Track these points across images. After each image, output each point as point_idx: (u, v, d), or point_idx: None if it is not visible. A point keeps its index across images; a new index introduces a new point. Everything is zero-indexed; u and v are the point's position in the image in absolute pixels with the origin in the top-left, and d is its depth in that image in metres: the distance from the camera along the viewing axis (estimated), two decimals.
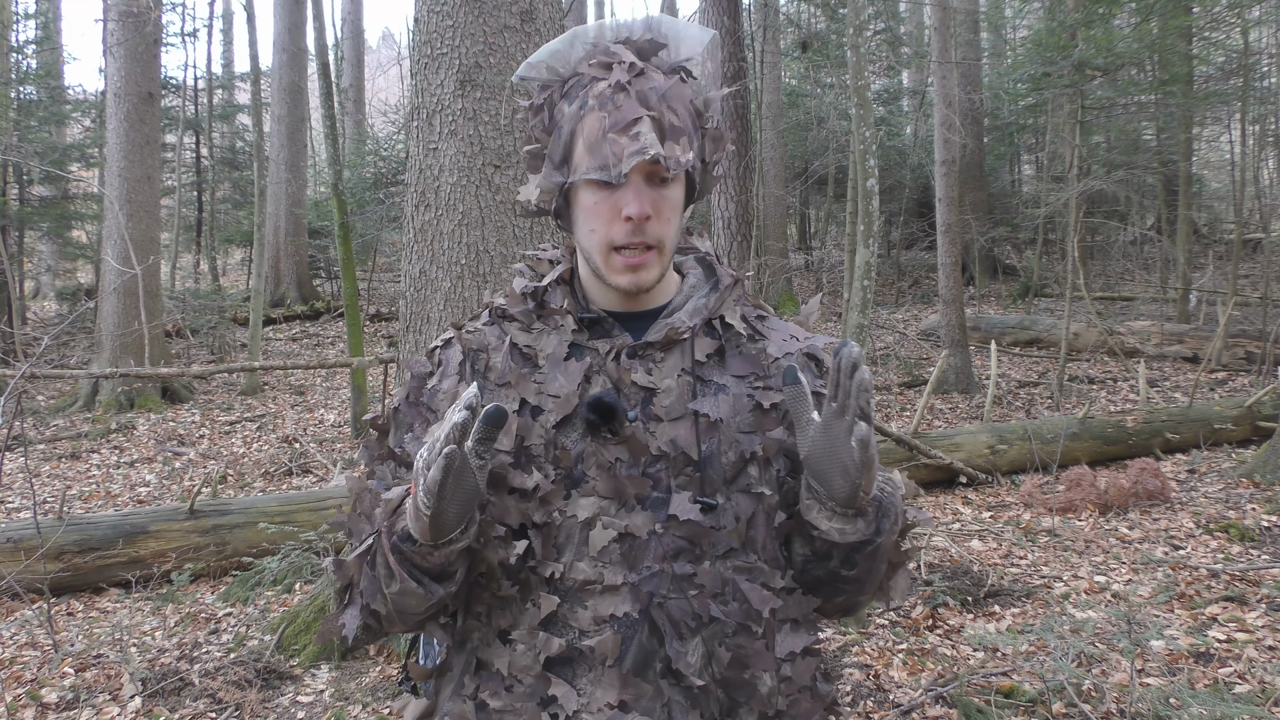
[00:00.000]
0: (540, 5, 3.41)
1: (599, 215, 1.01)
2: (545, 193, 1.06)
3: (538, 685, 1.00)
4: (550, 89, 1.06)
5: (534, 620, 1.01)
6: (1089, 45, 9.20)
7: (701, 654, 1.00)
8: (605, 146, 0.98)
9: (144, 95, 9.16)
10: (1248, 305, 10.36)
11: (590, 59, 1.03)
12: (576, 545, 1.01)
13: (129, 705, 3.22)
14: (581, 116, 1.01)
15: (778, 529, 1.06)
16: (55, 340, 10.98)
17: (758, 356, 1.09)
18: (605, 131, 0.99)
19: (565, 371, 1.05)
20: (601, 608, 0.99)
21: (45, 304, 14.99)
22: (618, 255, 1.01)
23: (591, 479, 1.01)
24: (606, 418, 1.01)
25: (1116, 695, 2.91)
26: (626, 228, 1.00)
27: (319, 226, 14.95)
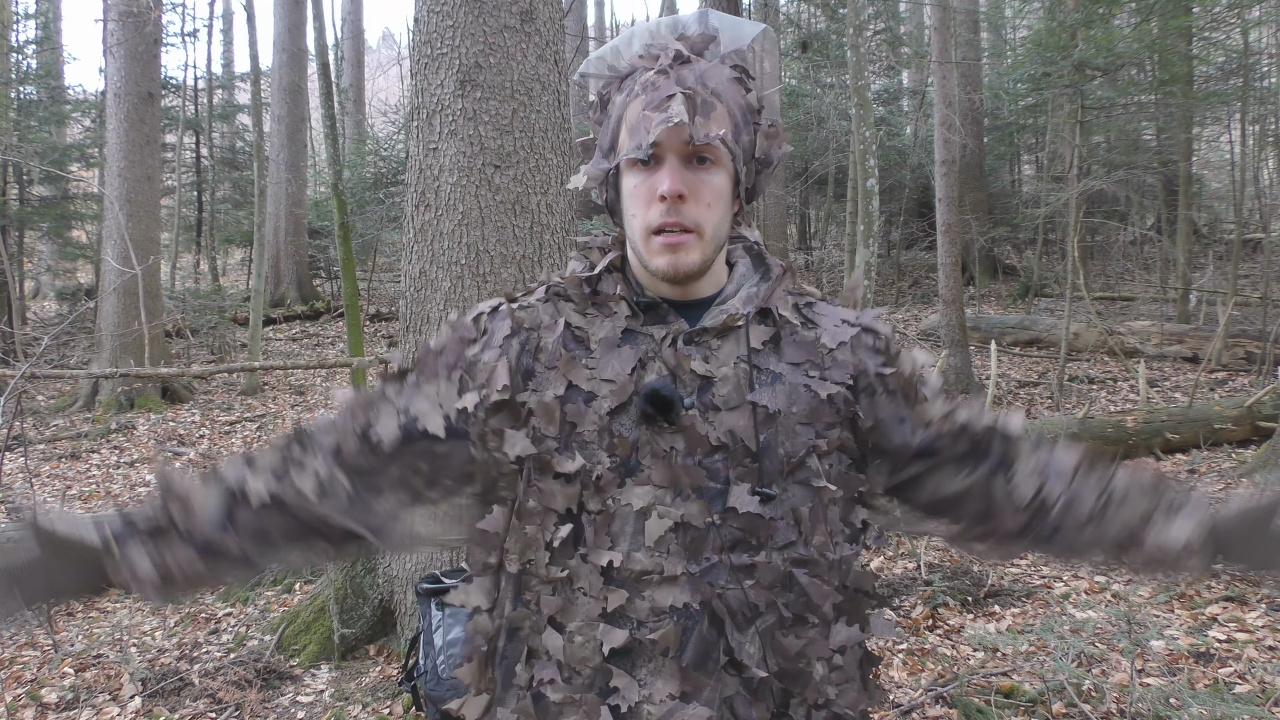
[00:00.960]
0: (540, 5, 3.41)
1: (638, 198, 1.02)
2: (593, 179, 1.07)
3: (597, 676, 1.00)
4: (610, 85, 1.07)
5: (593, 611, 1.00)
6: (1089, 45, 9.20)
7: (759, 645, 1.00)
8: (641, 125, 1.00)
9: (144, 95, 9.16)
10: (1248, 305, 10.36)
11: (643, 53, 1.05)
12: (632, 535, 1.00)
13: (129, 705, 3.22)
14: (627, 104, 1.03)
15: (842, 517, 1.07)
16: (55, 340, 10.98)
17: (813, 345, 1.08)
18: (642, 110, 1.00)
19: (619, 357, 1.03)
20: (660, 598, 0.98)
21: (45, 304, 14.99)
22: (656, 238, 1.01)
23: (647, 468, 1.00)
24: (664, 410, 1.00)
25: (1116, 695, 2.91)
26: (662, 208, 1.00)
27: (319, 226, 14.96)
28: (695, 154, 1.01)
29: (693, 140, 0.98)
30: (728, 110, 1.02)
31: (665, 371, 1.02)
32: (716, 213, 1.02)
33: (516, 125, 3.35)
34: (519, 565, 1.04)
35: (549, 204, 3.39)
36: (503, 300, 1.12)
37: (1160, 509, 1.12)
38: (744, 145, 1.05)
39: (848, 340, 1.10)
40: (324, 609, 3.61)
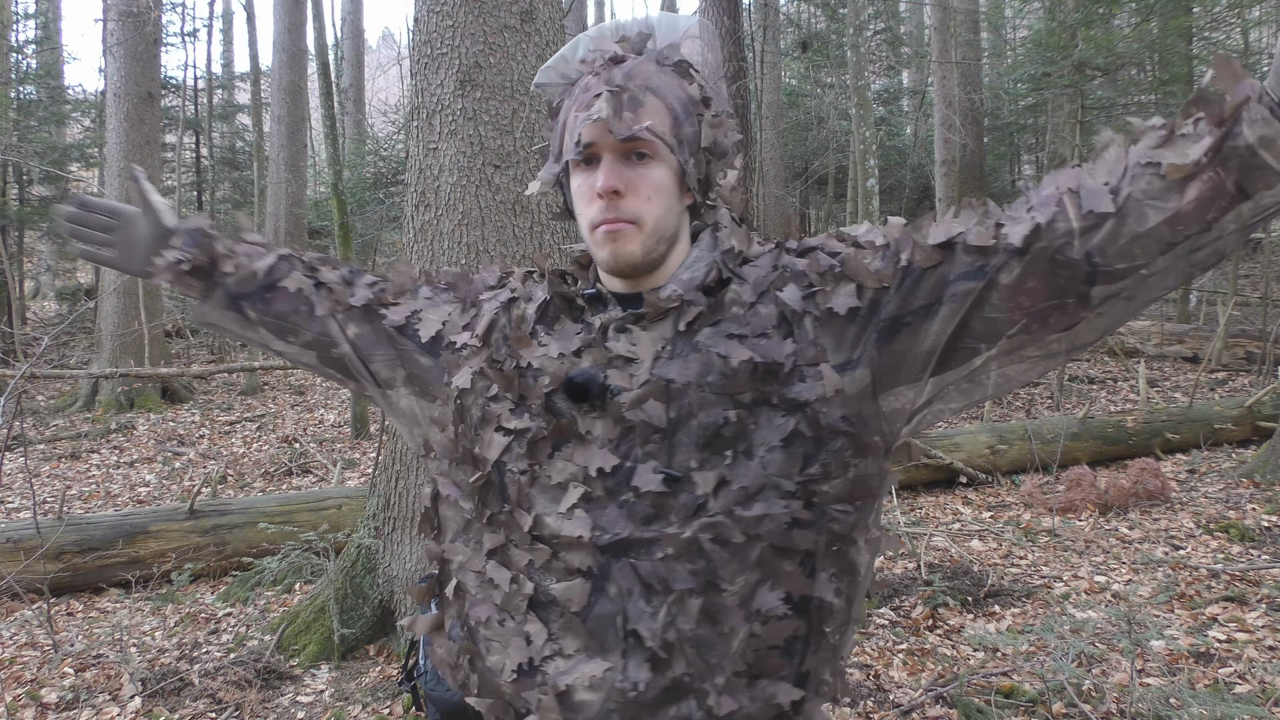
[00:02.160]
0: (540, 5, 3.41)
1: (581, 197, 1.06)
2: (545, 184, 1.10)
3: (521, 621, 1.07)
4: (562, 93, 1.12)
5: (520, 562, 1.07)
6: (1089, 45, 9.20)
7: (665, 614, 1.00)
8: (573, 127, 1.04)
9: (144, 95, 9.16)
10: (1248, 305, 10.36)
11: (585, 58, 1.09)
12: (546, 502, 1.05)
13: (129, 705, 3.21)
14: (569, 110, 1.07)
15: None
16: (55, 340, 10.98)
17: (730, 305, 1.06)
18: (574, 110, 1.04)
19: (565, 342, 1.10)
20: (570, 560, 1.03)
21: (45, 304, 14.99)
22: (598, 230, 1.04)
23: (570, 447, 1.06)
24: (580, 397, 1.05)
25: (1116, 695, 2.91)
26: (601, 204, 1.03)
27: (319, 226, 14.95)
28: (632, 150, 1.02)
29: (615, 134, 0.99)
30: (664, 104, 1.03)
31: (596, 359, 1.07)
32: (658, 205, 1.03)
33: (516, 125, 3.35)
34: (465, 504, 1.13)
35: (549, 204, 3.39)
36: (532, 270, 1.23)
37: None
38: (687, 136, 1.05)
39: (767, 286, 1.06)
40: (324, 609, 3.61)
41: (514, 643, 1.06)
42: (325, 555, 3.89)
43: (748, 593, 1.00)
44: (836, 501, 1.02)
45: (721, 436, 1.01)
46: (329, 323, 1.26)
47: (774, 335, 1.03)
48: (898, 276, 1.00)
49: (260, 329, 1.29)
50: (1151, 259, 0.92)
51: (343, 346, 1.26)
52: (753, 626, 1.00)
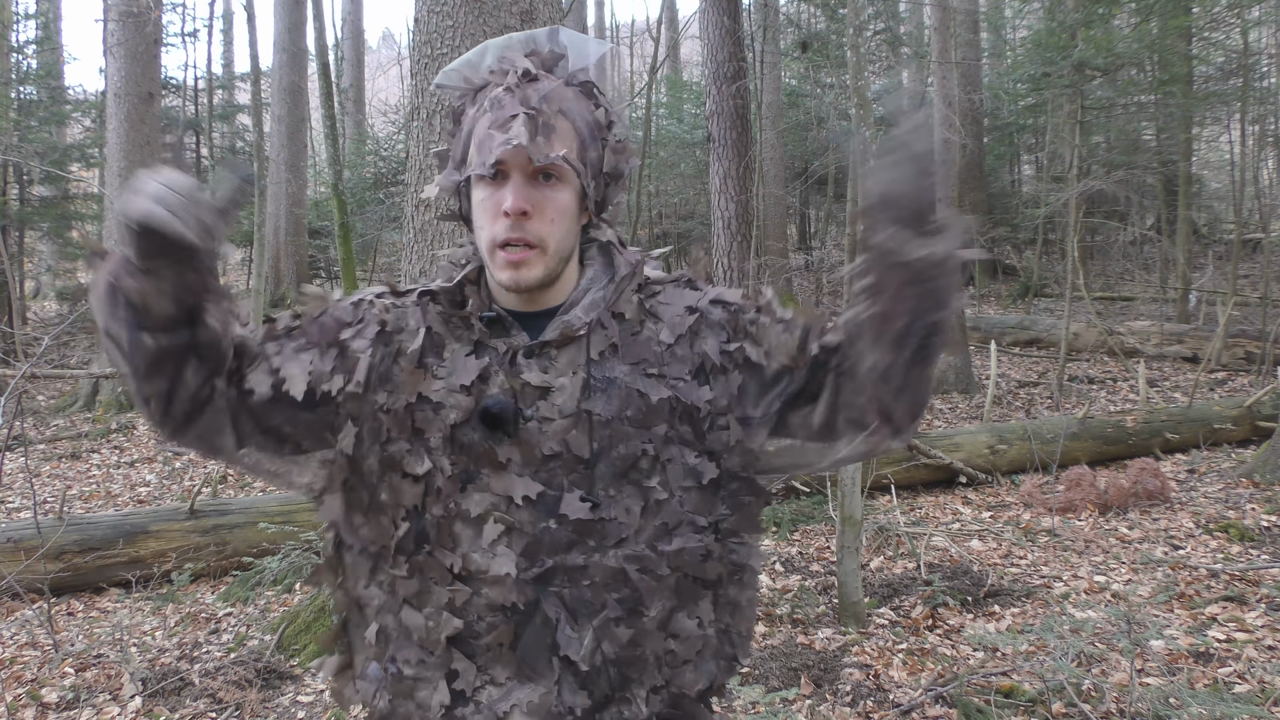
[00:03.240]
0: (540, 5, 3.41)
1: (485, 212, 1.06)
2: (445, 190, 1.12)
3: (444, 658, 1.07)
4: (466, 97, 1.11)
5: (442, 600, 1.06)
6: (1089, 45, 9.20)
7: (591, 639, 1.06)
8: (486, 142, 1.04)
9: (144, 95, 9.16)
10: (1247, 305, 10.36)
11: (495, 68, 1.10)
12: (470, 538, 1.06)
13: (129, 705, 3.22)
14: (476, 119, 1.07)
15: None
16: (55, 340, 10.98)
17: (651, 343, 1.11)
18: (488, 128, 1.04)
19: (466, 370, 1.08)
20: (494, 596, 1.05)
21: (45, 304, 14.99)
22: (501, 252, 1.05)
23: (485, 476, 1.06)
24: (496, 425, 1.05)
25: (1116, 695, 2.91)
26: (506, 223, 1.03)
27: (319, 226, 14.95)
28: (540, 171, 1.04)
29: (534, 161, 1.02)
30: (573, 127, 1.06)
31: (506, 385, 1.07)
32: (560, 228, 1.06)
33: None
34: (375, 549, 1.10)
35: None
36: (384, 291, 1.16)
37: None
38: (591, 161, 1.09)
39: (685, 331, 1.11)
40: (324, 609, 3.62)
41: (440, 680, 1.07)
42: None
43: (665, 617, 1.09)
44: (734, 535, 1.13)
45: (639, 468, 1.07)
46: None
47: (691, 381, 1.10)
48: (807, 361, 1.09)
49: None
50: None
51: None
52: (669, 644, 1.09)
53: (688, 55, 27.76)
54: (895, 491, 5.55)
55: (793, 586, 4.17)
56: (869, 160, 0.95)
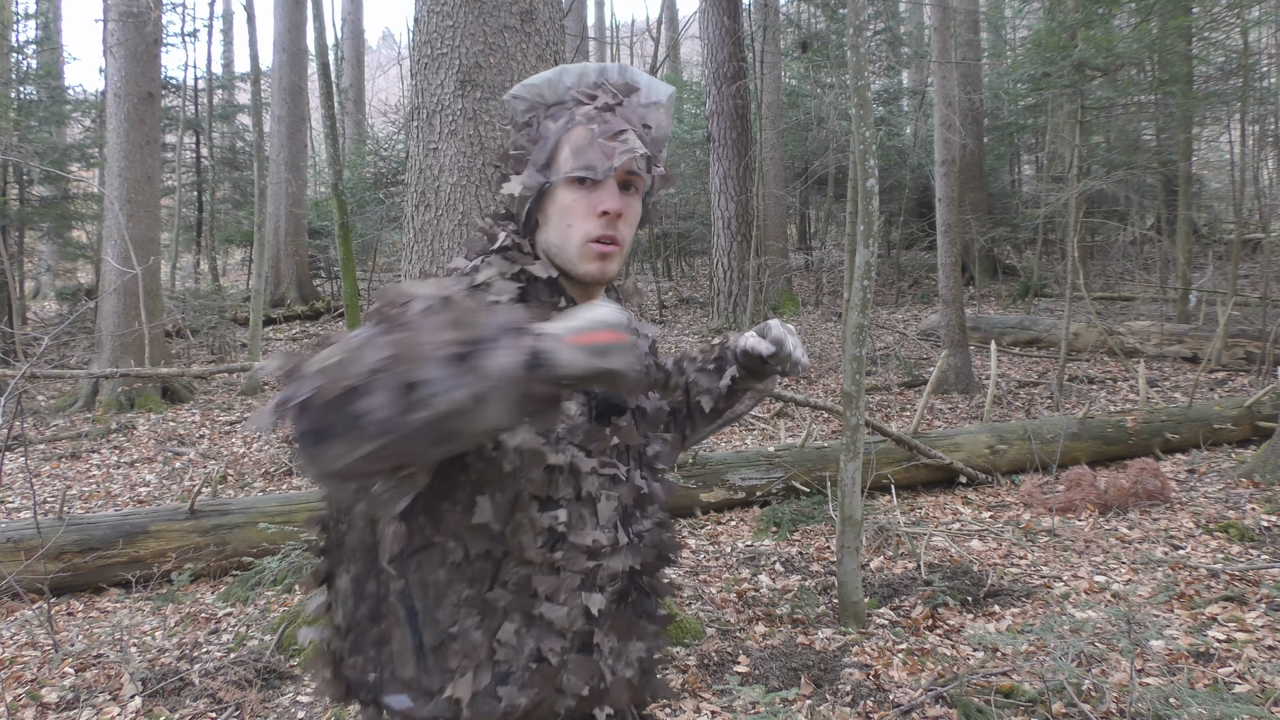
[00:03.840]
0: (540, 5, 3.41)
1: (576, 211, 1.18)
2: (527, 189, 1.21)
3: (583, 634, 1.18)
4: (536, 110, 1.25)
5: (573, 583, 1.16)
6: (1089, 45, 9.20)
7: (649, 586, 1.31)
8: (592, 150, 1.17)
9: (144, 95, 9.16)
10: (1247, 305, 10.36)
11: (576, 89, 1.24)
12: (588, 516, 1.18)
13: (129, 705, 3.22)
14: (568, 129, 1.20)
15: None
16: (55, 340, 10.98)
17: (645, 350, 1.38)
18: (595, 139, 1.17)
19: None
20: (614, 566, 1.19)
21: (45, 304, 14.99)
22: (592, 245, 1.17)
23: (597, 459, 1.19)
24: (618, 412, 1.20)
25: (1116, 695, 2.91)
26: (601, 222, 1.17)
27: (319, 226, 14.95)
28: (626, 181, 1.19)
29: (648, 170, 1.19)
30: (654, 153, 1.24)
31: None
32: (633, 232, 1.23)
33: None
34: (499, 550, 1.14)
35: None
36: (478, 285, 1.21)
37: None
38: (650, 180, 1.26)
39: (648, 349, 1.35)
40: None
41: (576, 659, 1.18)
42: None
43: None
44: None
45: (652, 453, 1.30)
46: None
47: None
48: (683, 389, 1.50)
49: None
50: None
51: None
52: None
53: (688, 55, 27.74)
54: (895, 491, 5.55)
55: (793, 586, 4.17)
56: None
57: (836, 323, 11.97)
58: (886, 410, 7.96)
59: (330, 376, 0.84)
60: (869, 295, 3.81)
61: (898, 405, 8.18)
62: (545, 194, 1.21)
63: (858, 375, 3.81)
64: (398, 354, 0.83)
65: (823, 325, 11.97)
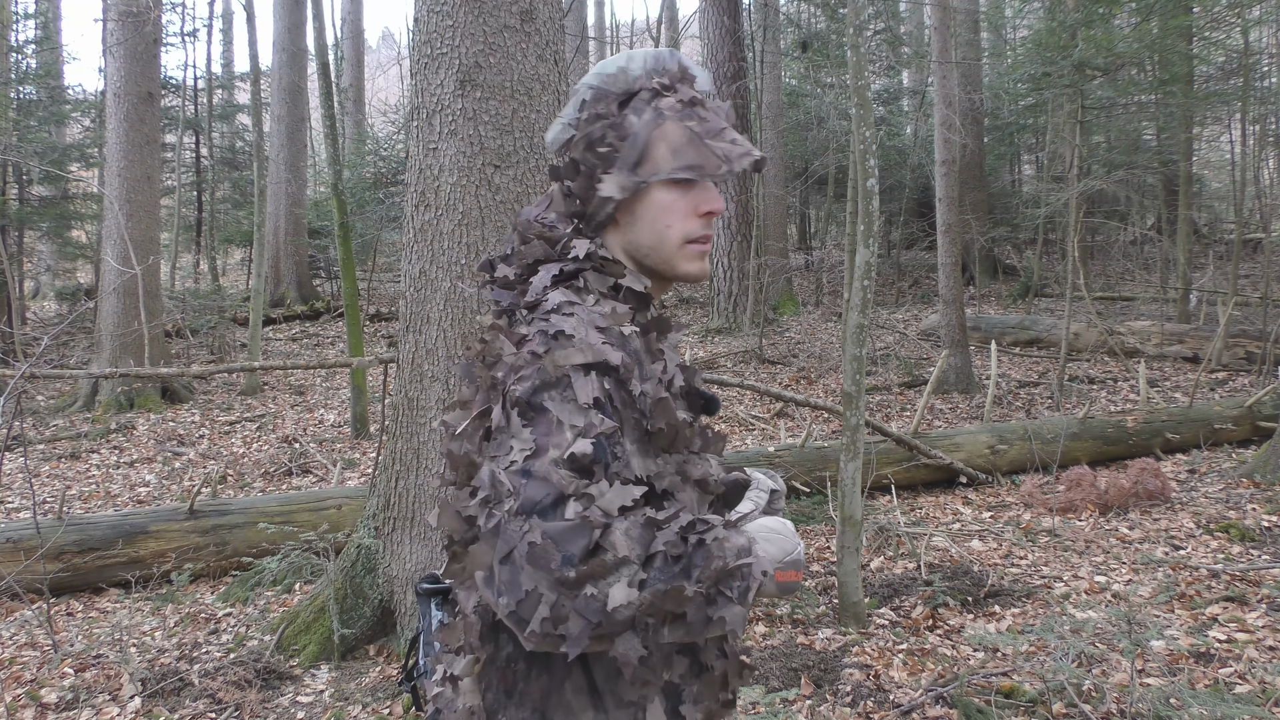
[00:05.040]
0: (540, 5, 3.41)
1: (676, 211, 1.15)
2: (626, 190, 1.14)
3: (717, 639, 1.17)
4: (606, 100, 1.17)
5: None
6: (1089, 45, 9.20)
7: None
8: (695, 149, 1.12)
9: (144, 95, 9.15)
10: (1248, 305, 10.36)
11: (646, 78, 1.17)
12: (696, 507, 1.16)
13: (129, 705, 3.21)
14: (658, 124, 1.14)
15: None
16: (55, 340, 10.98)
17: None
18: (702, 136, 1.12)
19: (674, 370, 1.16)
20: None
21: (45, 304, 14.99)
22: (692, 245, 1.15)
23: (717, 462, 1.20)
24: (715, 408, 1.20)
25: (1117, 695, 2.91)
26: (703, 222, 1.15)
27: (319, 226, 14.94)
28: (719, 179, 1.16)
29: (757, 171, 1.15)
30: None
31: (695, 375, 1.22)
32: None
33: (516, 125, 3.34)
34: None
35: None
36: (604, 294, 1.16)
37: None
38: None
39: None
40: (324, 609, 3.61)
41: (725, 663, 1.20)
42: (325, 555, 3.89)
43: None
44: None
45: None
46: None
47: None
48: None
49: None
50: None
51: None
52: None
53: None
54: (895, 491, 5.55)
55: None
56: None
57: (836, 323, 11.96)
58: (886, 410, 7.96)
59: (571, 613, 0.94)
60: (869, 295, 3.80)
61: (898, 405, 8.18)
62: (636, 194, 1.15)
63: (858, 375, 3.81)
64: (654, 605, 0.96)
65: (823, 325, 11.97)
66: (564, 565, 0.92)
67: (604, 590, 0.93)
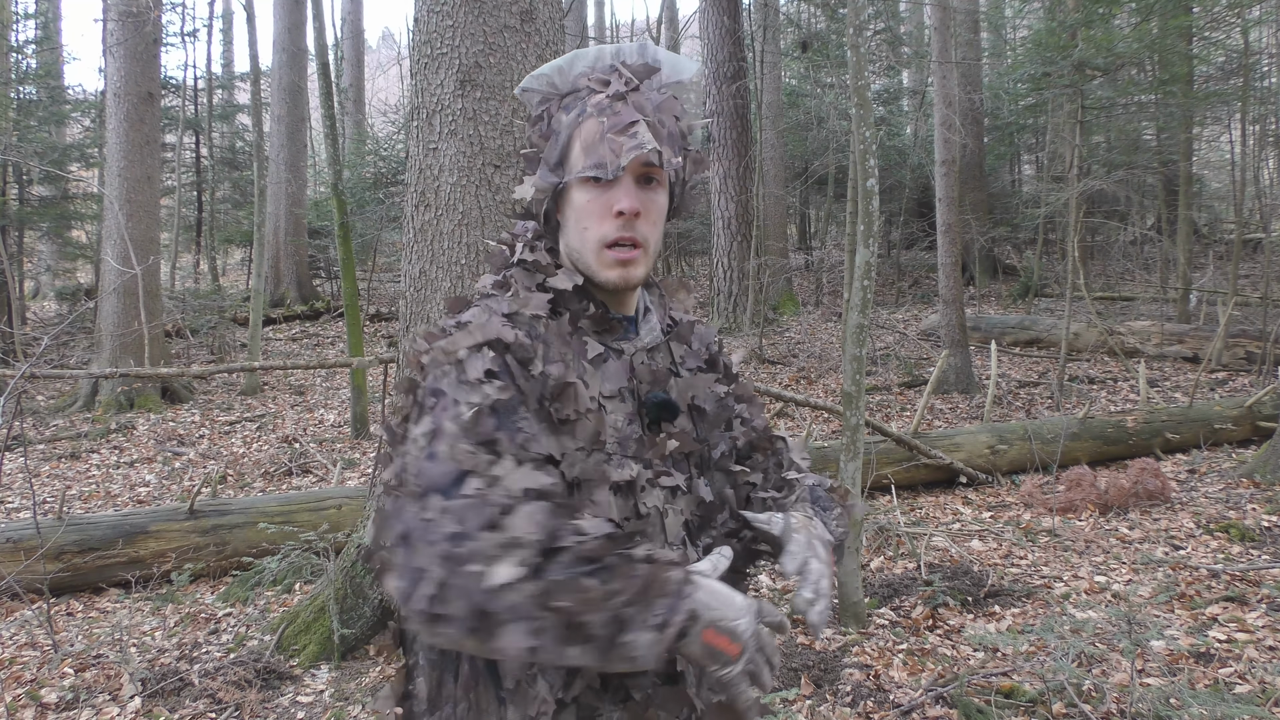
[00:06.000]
0: (540, 5, 3.41)
1: (592, 213, 1.09)
2: (540, 191, 1.13)
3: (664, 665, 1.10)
4: (550, 101, 1.15)
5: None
6: (1089, 45, 9.20)
7: None
8: (603, 146, 1.07)
9: (144, 95, 9.15)
10: (1248, 305, 10.36)
11: (589, 75, 1.13)
12: (656, 533, 1.09)
13: (129, 705, 3.21)
14: (579, 123, 1.10)
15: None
16: (55, 340, 10.98)
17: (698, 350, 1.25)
18: (604, 133, 1.07)
19: (612, 371, 1.12)
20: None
21: (45, 304, 14.99)
22: (609, 251, 1.09)
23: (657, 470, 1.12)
24: (671, 416, 1.14)
25: (1116, 695, 2.91)
26: (618, 223, 1.08)
27: (319, 226, 14.95)
28: (645, 175, 1.09)
29: (661, 165, 1.08)
30: (676, 141, 1.14)
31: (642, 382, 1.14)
32: (659, 230, 1.13)
33: (516, 125, 3.35)
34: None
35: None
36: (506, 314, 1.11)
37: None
38: (677, 169, 1.15)
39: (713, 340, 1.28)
40: (324, 609, 3.61)
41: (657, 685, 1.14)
42: (325, 555, 3.89)
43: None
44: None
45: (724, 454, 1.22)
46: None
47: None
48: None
49: None
50: None
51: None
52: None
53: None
54: (895, 491, 5.55)
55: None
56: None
57: (836, 323, 11.96)
58: (886, 410, 7.96)
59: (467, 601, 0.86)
60: (869, 295, 3.80)
61: (898, 405, 8.18)
62: (561, 195, 1.12)
63: (858, 375, 3.81)
64: (548, 596, 0.87)
65: (823, 325, 11.97)
66: (453, 540, 0.87)
67: (490, 567, 0.86)
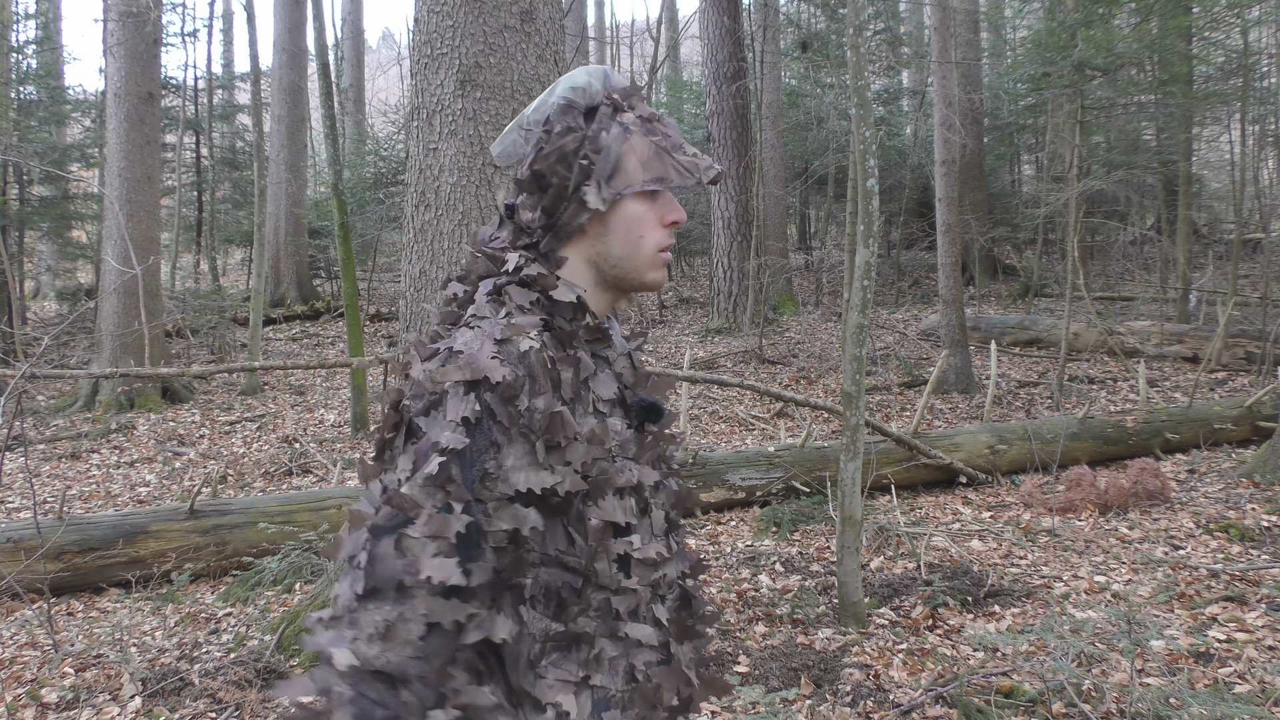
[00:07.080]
0: (540, 5, 3.41)
1: (647, 223, 1.19)
2: (606, 202, 1.18)
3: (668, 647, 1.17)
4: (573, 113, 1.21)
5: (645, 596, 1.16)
6: (1089, 45, 9.21)
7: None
8: (661, 162, 1.18)
9: (144, 95, 9.16)
10: (1248, 305, 10.36)
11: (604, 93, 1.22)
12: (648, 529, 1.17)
13: (129, 705, 3.22)
14: (626, 139, 1.18)
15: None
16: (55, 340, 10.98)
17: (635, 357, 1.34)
18: (668, 150, 1.19)
19: (605, 377, 1.18)
20: (670, 572, 1.20)
21: (45, 304, 15.00)
22: (662, 254, 1.21)
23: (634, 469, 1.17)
24: (656, 417, 1.20)
25: (1116, 695, 2.91)
26: (668, 232, 1.21)
27: (319, 226, 14.95)
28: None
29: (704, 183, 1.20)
30: None
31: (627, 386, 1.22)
32: None
33: None
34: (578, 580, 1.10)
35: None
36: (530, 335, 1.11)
37: None
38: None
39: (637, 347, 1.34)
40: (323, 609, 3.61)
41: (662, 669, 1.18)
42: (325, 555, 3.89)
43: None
44: None
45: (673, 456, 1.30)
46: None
47: None
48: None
49: None
50: None
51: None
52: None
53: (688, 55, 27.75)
54: (895, 491, 5.55)
55: (793, 586, 4.17)
56: None
57: (836, 323, 11.96)
58: (886, 410, 7.96)
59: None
60: (869, 295, 3.81)
61: (898, 405, 8.18)
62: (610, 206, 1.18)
63: (858, 375, 3.81)
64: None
65: (823, 325, 11.97)
66: (352, 599, 1.00)
67: (337, 641, 1.02)
